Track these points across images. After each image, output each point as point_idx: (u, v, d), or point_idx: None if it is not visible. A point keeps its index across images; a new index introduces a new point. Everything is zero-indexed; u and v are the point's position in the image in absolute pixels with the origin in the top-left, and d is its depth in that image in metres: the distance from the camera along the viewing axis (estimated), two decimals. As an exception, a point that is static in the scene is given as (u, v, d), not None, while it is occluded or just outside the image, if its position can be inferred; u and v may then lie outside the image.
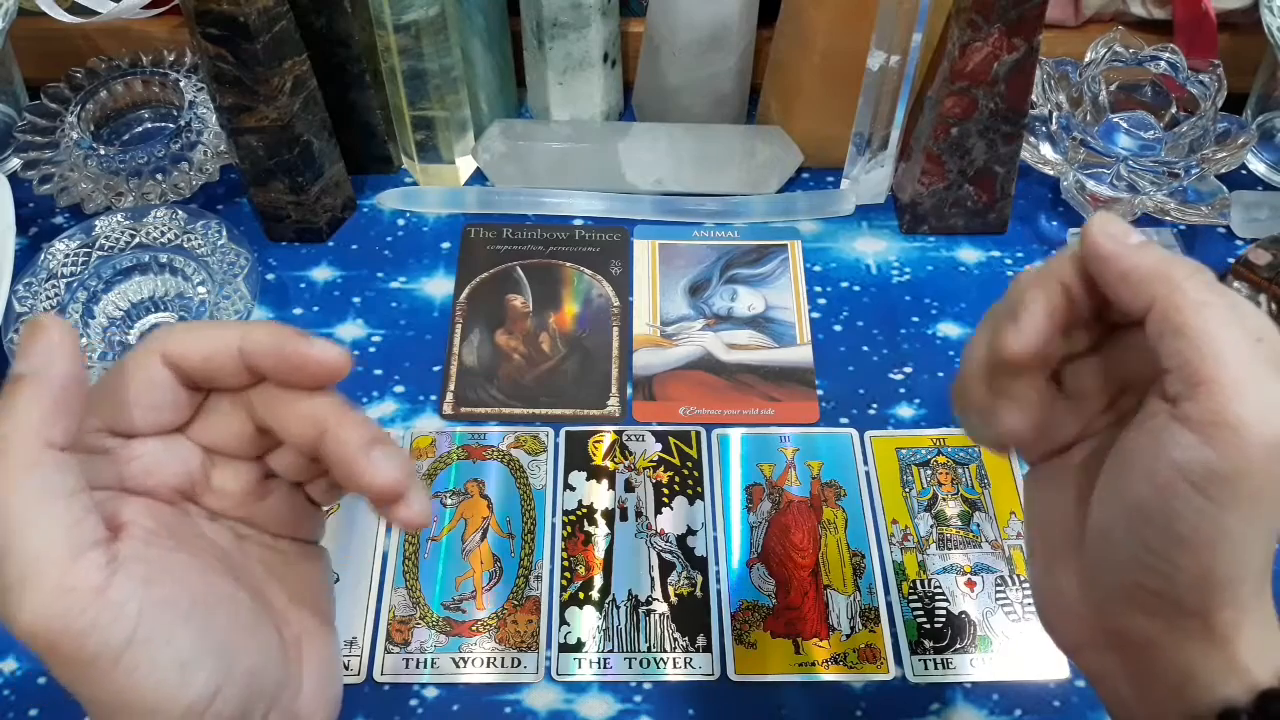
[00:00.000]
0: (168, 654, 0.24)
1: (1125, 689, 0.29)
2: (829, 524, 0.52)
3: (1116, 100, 0.62)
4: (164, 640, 0.25)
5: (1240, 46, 0.65)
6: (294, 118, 0.57)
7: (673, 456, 0.54)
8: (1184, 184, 0.60)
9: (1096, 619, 0.29)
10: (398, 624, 0.48)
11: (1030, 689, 0.47)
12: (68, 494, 0.24)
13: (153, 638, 0.24)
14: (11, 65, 0.65)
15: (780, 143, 0.65)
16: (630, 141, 0.65)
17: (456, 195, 0.65)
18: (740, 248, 0.63)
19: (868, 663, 0.47)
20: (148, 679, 0.24)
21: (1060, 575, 0.30)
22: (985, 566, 0.50)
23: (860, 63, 0.57)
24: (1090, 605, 0.29)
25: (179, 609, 0.25)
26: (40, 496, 0.24)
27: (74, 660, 0.24)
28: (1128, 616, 0.28)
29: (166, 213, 0.58)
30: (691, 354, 0.58)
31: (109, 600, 0.24)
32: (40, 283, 0.55)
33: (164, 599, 0.25)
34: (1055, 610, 0.31)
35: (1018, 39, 0.54)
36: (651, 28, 0.64)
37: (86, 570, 0.24)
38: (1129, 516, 0.26)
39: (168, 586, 0.25)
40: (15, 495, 0.23)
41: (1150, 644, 0.27)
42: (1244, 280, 0.59)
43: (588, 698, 0.46)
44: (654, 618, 0.49)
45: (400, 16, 0.56)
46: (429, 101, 0.61)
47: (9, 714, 0.45)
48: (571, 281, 0.61)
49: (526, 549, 0.51)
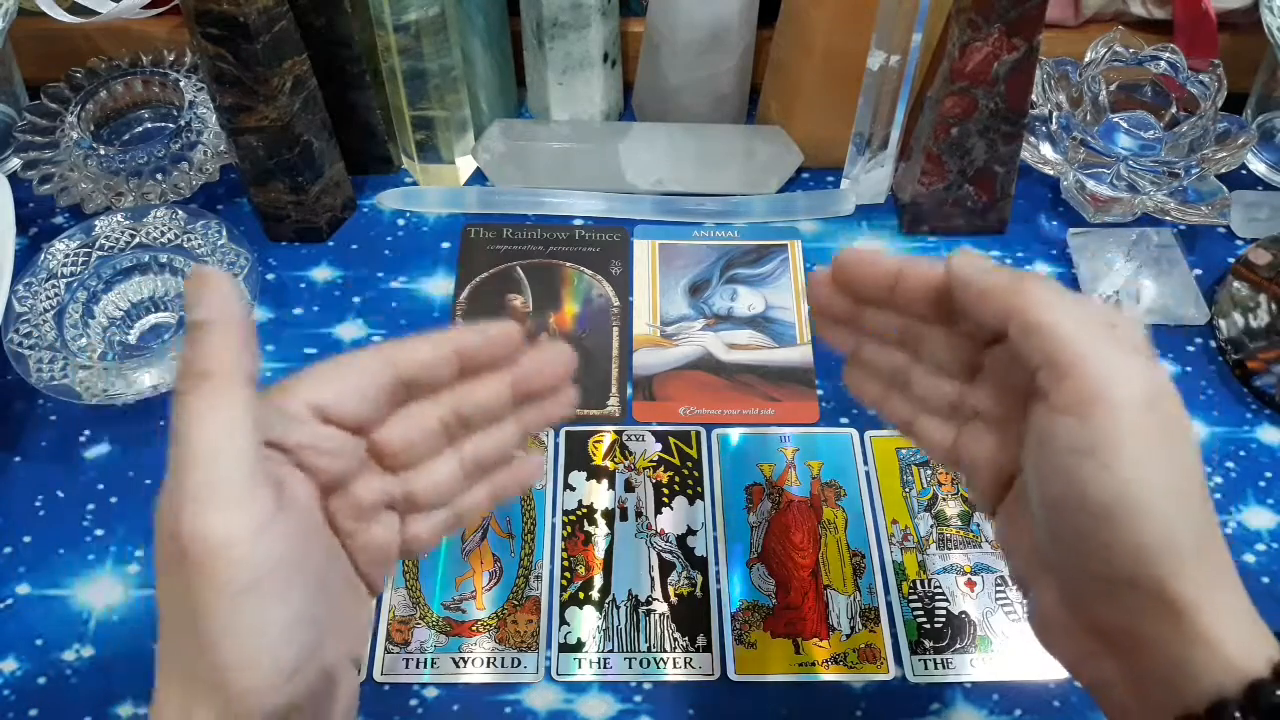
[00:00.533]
0: (286, 608, 0.26)
1: (1125, 695, 0.29)
2: (829, 524, 0.52)
3: (1116, 100, 0.62)
4: (287, 594, 0.26)
5: (1240, 46, 0.65)
6: (294, 118, 0.57)
7: (673, 456, 0.54)
8: (1184, 184, 0.60)
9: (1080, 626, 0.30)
10: (398, 624, 0.48)
11: (1030, 689, 0.47)
12: (256, 432, 0.26)
13: (278, 588, 0.26)
14: (11, 65, 0.65)
15: (780, 143, 0.65)
16: (630, 141, 0.65)
17: (456, 195, 0.65)
18: (740, 248, 0.63)
19: (868, 663, 0.47)
20: (255, 625, 0.25)
21: (1042, 595, 0.31)
22: (985, 566, 0.50)
23: (860, 63, 0.57)
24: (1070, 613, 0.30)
25: (306, 577, 0.27)
26: (235, 426, 0.26)
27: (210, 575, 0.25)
28: (1100, 611, 0.29)
29: (166, 213, 0.58)
30: (691, 354, 0.58)
31: (266, 535, 0.25)
32: (40, 283, 0.55)
33: (299, 562, 0.27)
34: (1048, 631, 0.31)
35: (1018, 39, 0.54)
36: (651, 28, 0.64)
37: (259, 502, 0.25)
38: (1057, 513, 0.28)
39: (303, 553, 0.27)
40: (216, 418, 0.25)
41: (1130, 635, 0.28)
42: (1244, 280, 0.59)
43: (588, 698, 0.46)
44: (654, 618, 0.49)
45: (400, 16, 0.56)
46: (429, 101, 0.61)
47: (9, 714, 0.46)
48: (571, 281, 0.61)
49: (526, 549, 0.51)
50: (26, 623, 0.48)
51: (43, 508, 0.52)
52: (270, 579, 0.25)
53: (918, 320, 0.34)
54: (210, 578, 0.25)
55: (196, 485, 0.25)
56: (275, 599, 0.26)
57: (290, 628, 0.26)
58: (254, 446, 0.26)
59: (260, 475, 0.26)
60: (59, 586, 0.49)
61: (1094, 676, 0.30)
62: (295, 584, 0.26)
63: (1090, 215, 0.62)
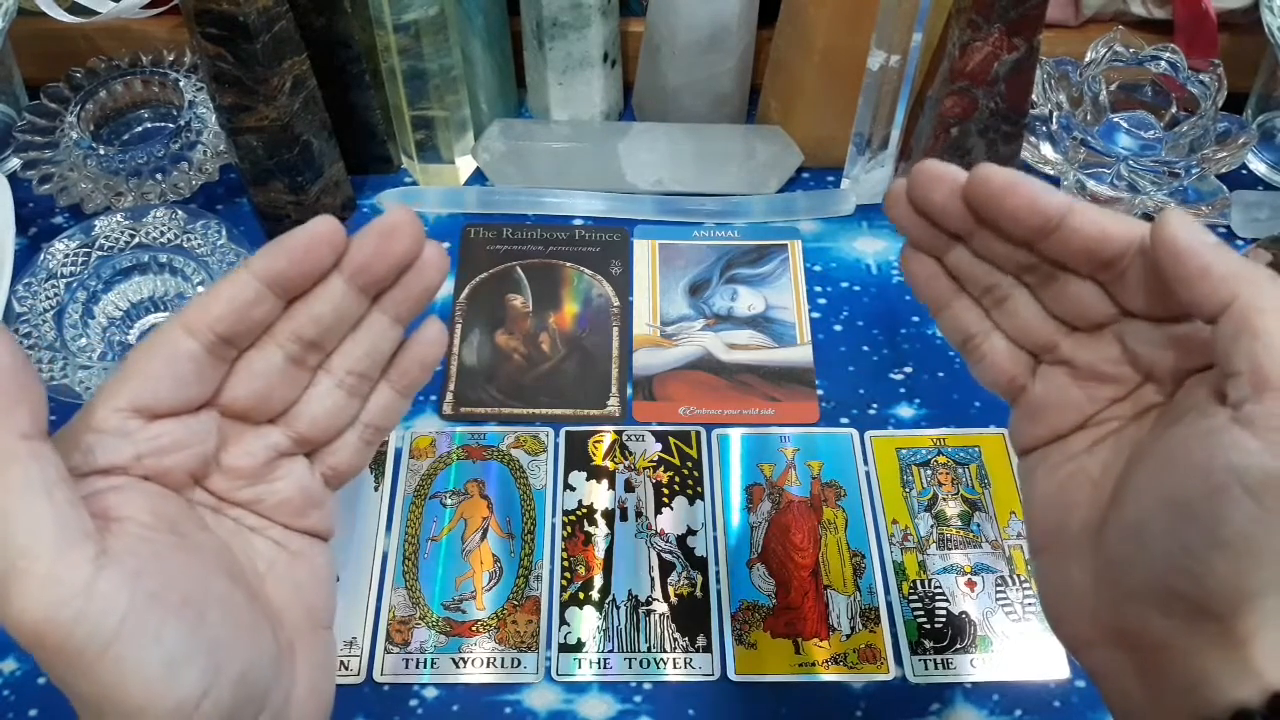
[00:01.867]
0: (156, 651, 0.24)
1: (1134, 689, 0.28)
2: (829, 524, 0.52)
3: (1116, 100, 0.62)
4: (152, 636, 0.24)
5: (1240, 46, 0.65)
6: (294, 118, 0.57)
7: (673, 456, 0.54)
8: (1184, 184, 0.60)
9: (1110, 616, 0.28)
10: (398, 624, 0.48)
11: (1030, 689, 0.47)
12: (50, 485, 0.24)
13: (141, 633, 0.24)
14: (11, 65, 0.65)
15: (780, 143, 0.64)
16: (630, 141, 0.65)
17: (456, 195, 0.65)
18: (740, 248, 0.63)
19: (868, 663, 0.47)
20: (135, 675, 0.24)
21: (1071, 570, 0.29)
22: (985, 566, 0.50)
23: (860, 63, 0.57)
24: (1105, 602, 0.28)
25: (170, 605, 0.25)
26: (23, 489, 0.23)
27: (61, 653, 0.23)
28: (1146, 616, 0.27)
29: (166, 213, 0.58)
30: (691, 354, 0.58)
31: (97, 592, 0.23)
32: (40, 283, 0.55)
33: (154, 594, 0.25)
34: (1062, 606, 0.30)
35: (1018, 39, 0.54)
36: (651, 28, 0.64)
37: (74, 562, 0.23)
38: (1169, 515, 0.26)
39: (159, 582, 0.25)
40: (6, 479, 0.23)
41: (1165, 644, 0.27)
42: (1244, 280, 0.58)
43: (588, 698, 0.46)
44: (654, 618, 0.49)
45: (400, 16, 0.56)
46: (429, 101, 0.61)
47: (9, 714, 0.45)
48: (571, 281, 0.61)
49: (526, 549, 0.51)
50: (26, 623, 0.48)
51: (42, 508, 0.51)
52: (124, 630, 0.23)
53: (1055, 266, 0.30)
54: (58, 656, 0.23)
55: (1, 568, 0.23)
56: (139, 645, 0.24)
57: (170, 665, 0.24)
58: (52, 500, 0.23)
59: (71, 531, 0.23)
60: (59, 586, 0.49)
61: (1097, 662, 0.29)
62: (159, 617, 0.24)
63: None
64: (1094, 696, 0.46)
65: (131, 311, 0.57)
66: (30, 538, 0.23)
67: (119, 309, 0.57)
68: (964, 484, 0.53)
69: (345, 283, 0.29)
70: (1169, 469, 0.27)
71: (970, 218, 0.30)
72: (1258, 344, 0.25)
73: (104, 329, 0.56)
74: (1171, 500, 0.26)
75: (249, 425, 0.30)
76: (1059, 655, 0.47)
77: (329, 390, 0.31)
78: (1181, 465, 0.26)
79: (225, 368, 0.29)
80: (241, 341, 0.29)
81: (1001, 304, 0.32)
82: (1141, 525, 0.27)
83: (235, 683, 0.26)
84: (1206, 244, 0.26)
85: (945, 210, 0.30)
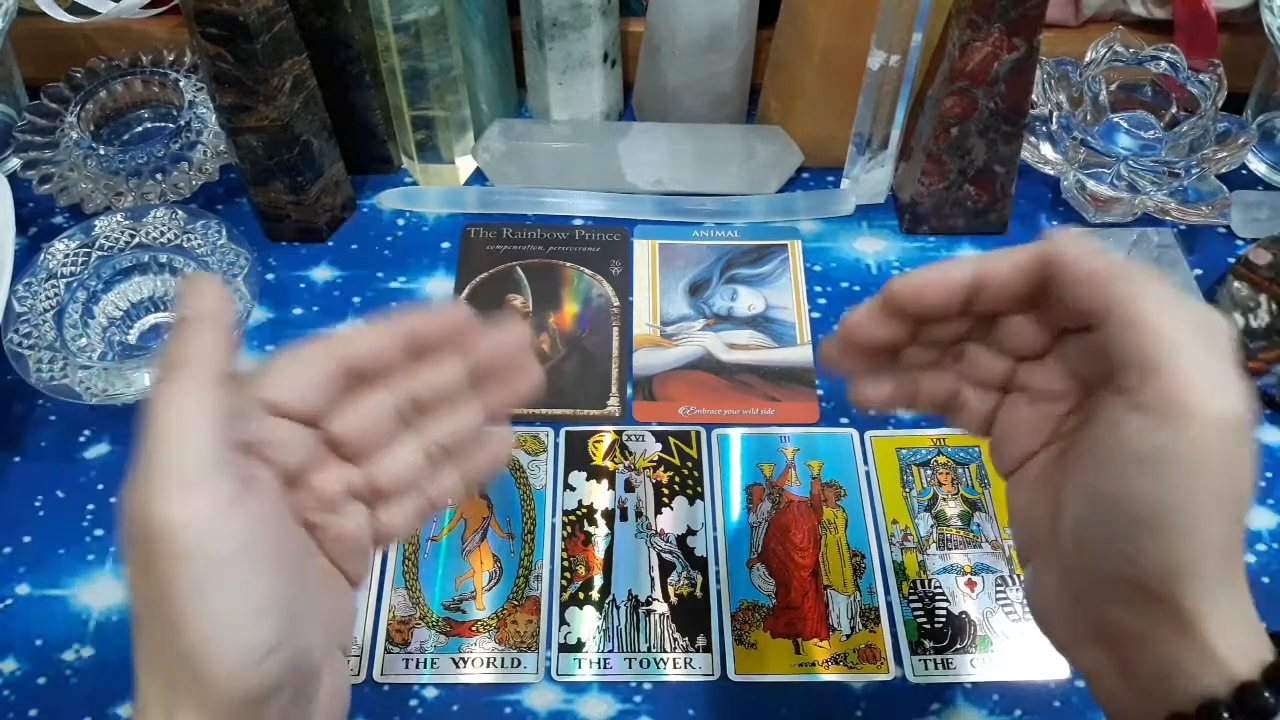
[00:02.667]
0: (254, 592, 0.26)
1: (1117, 686, 0.30)
2: (829, 524, 0.52)
3: (1116, 100, 0.62)
4: (255, 579, 0.26)
5: (1240, 46, 0.65)
6: (294, 118, 0.57)
7: (673, 456, 0.54)
8: (1184, 184, 0.60)
9: (1081, 615, 0.30)
10: (398, 624, 0.48)
11: (1030, 689, 0.47)
12: (218, 424, 0.26)
13: (250, 568, 0.26)
14: (11, 65, 0.65)
15: (780, 143, 0.64)
16: (630, 141, 0.65)
17: (456, 195, 0.65)
18: (740, 248, 0.63)
19: (868, 663, 0.47)
20: (230, 606, 0.25)
21: (1045, 574, 0.31)
22: (985, 566, 0.50)
23: (860, 63, 0.57)
24: (1073, 600, 0.30)
25: (272, 559, 0.27)
26: (205, 412, 0.26)
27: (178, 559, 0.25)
28: (1105, 607, 0.29)
29: (166, 213, 0.58)
30: (691, 354, 0.58)
31: (232, 517, 0.26)
32: (40, 283, 0.55)
33: (269, 544, 0.27)
34: (1045, 610, 0.32)
35: (1018, 39, 0.54)
36: (651, 28, 0.64)
37: (224, 483, 0.26)
38: (1095, 506, 0.28)
39: (275, 537, 0.28)
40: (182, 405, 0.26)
41: (1130, 634, 0.28)
42: (1244, 280, 0.59)
43: (588, 698, 0.46)
44: (654, 618, 0.49)
45: (400, 16, 0.56)
46: (429, 101, 0.61)
47: (9, 714, 0.45)
48: (571, 281, 0.61)
49: (526, 549, 0.51)
50: (26, 623, 0.48)
51: (43, 508, 0.52)
52: (235, 560, 0.26)
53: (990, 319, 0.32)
54: (173, 559, 0.25)
55: (159, 469, 0.25)
56: (241, 580, 0.26)
57: (259, 609, 0.26)
58: (218, 434, 0.26)
59: (223, 461, 0.26)
60: (59, 587, 0.49)
61: (1084, 662, 0.31)
62: (262, 567, 0.26)
63: (1090, 215, 0.62)
64: (1094, 696, 0.46)
65: (131, 311, 0.57)
66: (198, 451, 0.26)
67: (119, 309, 0.57)
68: (964, 484, 0.53)
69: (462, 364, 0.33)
70: (1087, 466, 0.29)
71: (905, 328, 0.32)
72: (1137, 332, 0.27)
73: (104, 329, 0.56)
74: (1095, 494, 0.28)
75: (339, 457, 0.32)
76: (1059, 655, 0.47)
77: (414, 451, 0.33)
78: (1095, 459, 0.28)
79: (342, 397, 0.31)
80: (369, 381, 0.32)
81: (960, 359, 0.34)
82: (1080, 523, 0.29)
83: (296, 653, 0.27)
84: (1084, 253, 0.29)
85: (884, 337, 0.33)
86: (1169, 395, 0.26)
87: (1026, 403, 0.33)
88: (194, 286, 0.28)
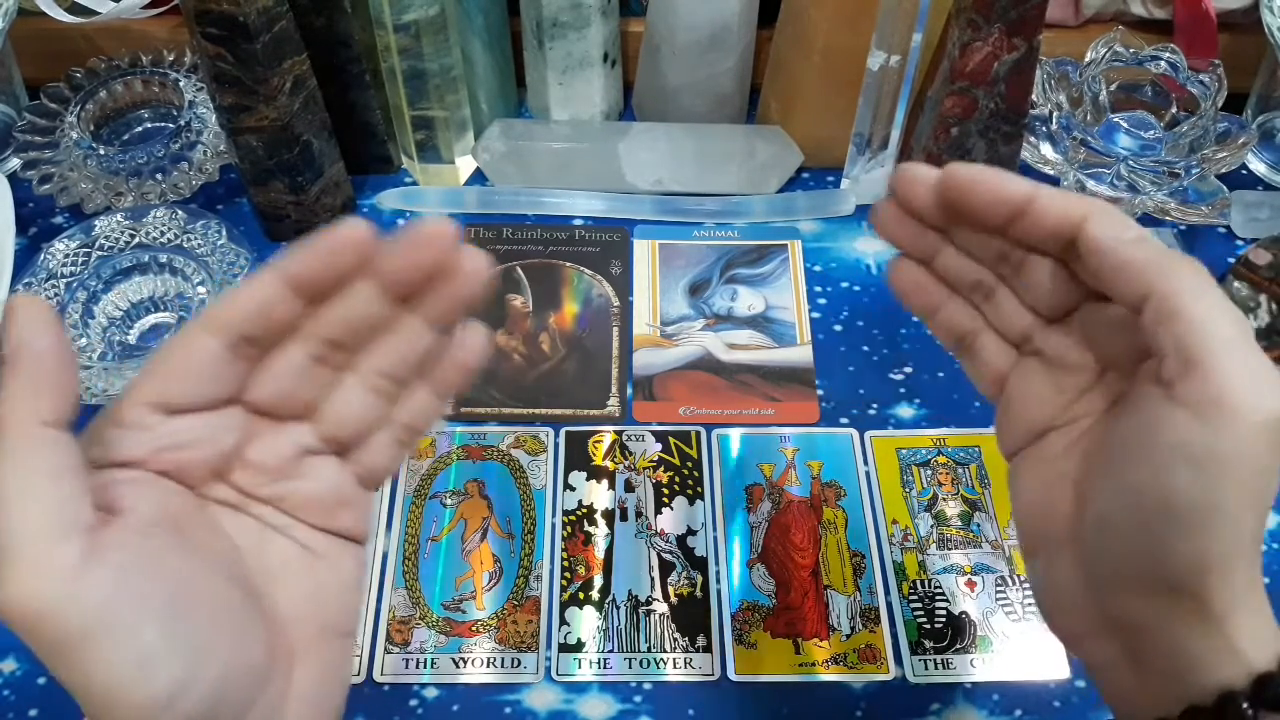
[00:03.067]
0: (131, 647, 0.24)
1: (1126, 678, 0.29)
2: (829, 524, 0.52)
3: (1116, 100, 0.62)
4: (129, 633, 0.24)
5: (1240, 46, 0.65)
6: (294, 118, 0.57)
7: (673, 456, 0.54)
8: (1184, 184, 0.60)
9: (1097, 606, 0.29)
10: (398, 624, 0.48)
11: (1030, 689, 0.47)
12: (57, 474, 0.24)
13: (118, 627, 0.24)
14: (11, 65, 0.65)
15: (780, 143, 0.65)
16: (630, 141, 0.65)
17: (456, 195, 0.65)
18: (740, 248, 0.63)
19: (868, 663, 0.47)
20: (108, 669, 0.24)
21: (1058, 566, 0.30)
22: (985, 566, 0.50)
23: (860, 63, 0.57)
24: (1090, 593, 0.29)
25: (152, 604, 0.25)
26: (29, 475, 0.24)
27: (43, 639, 0.24)
28: (1127, 601, 0.28)
29: (166, 213, 0.58)
30: (691, 354, 0.58)
31: (80, 584, 0.24)
32: (40, 283, 0.55)
33: (138, 591, 0.25)
34: (1055, 601, 0.31)
35: (1018, 39, 0.54)
36: (651, 28, 0.64)
37: (64, 551, 0.24)
38: (1127, 499, 0.27)
39: (146, 579, 0.25)
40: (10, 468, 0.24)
41: (1149, 629, 0.28)
42: (1244, 280, 0.59)
43: (588, 698, 0.46)
44: (654, 618, 0.49)
45: (400, 16, 0.56)
46: (429, 101, 0.61)
47: (9, 714, 0.45)
48: (571, 281, 0.61)
49: (526, 549, 0.51)
50: (26, 623, 0.48)
51: (42, 508, 0.51)
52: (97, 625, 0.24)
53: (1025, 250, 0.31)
54: (36, 640, 0.24)
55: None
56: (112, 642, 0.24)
57: (141, 660, 0.24)
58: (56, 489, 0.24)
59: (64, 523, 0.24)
60: (59, 586, 0.49)
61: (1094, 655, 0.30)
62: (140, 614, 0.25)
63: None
64: (1094, 696, 0.46)
65: (131, 311, 0.57)
66: (26, 523, 0.24)
67: (119, 309, 0.57)
68: (964, 484, 0.53)
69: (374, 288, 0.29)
70: (1121, 457, 0.28)
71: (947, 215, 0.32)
72: (1178, 326, 0.26)
73: (104, 329, 0.56)
74: (1127, 486, 0.27)
75: (276, 422, 0.30)
76: (1059, 655, 0.47)
77: (356, 391, 0.31)
78: (1130, 451, 0.28)
79: (248, 366, 0.29)
80: (265, 341, 0.29)
81: (989, 299, 0.33)
82: (1107, 515, 0.28)
83: (213, 686, 0.26)
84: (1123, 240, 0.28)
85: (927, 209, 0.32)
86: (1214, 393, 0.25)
87: (1041, 369, 0.32)
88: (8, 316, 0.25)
